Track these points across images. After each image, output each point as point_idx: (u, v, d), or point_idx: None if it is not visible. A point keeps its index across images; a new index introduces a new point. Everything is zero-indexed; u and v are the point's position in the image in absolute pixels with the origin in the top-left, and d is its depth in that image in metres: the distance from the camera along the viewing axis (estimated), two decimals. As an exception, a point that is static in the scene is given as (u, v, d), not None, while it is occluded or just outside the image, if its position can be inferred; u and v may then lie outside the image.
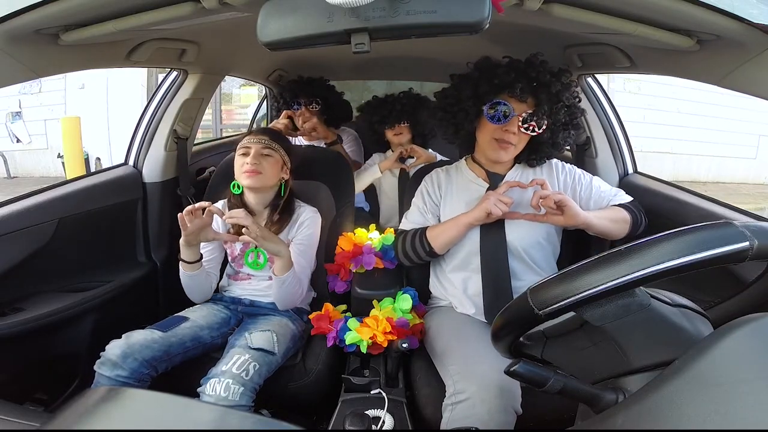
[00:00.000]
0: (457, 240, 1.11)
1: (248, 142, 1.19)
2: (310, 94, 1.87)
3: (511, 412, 0.85)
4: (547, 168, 1.17)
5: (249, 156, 1.17)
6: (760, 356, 0.36)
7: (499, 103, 1.03)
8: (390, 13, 0.60)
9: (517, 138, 1.05)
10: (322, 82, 1.93)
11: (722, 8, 0.64)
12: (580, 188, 1.13)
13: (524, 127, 1.03)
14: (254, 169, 1.15)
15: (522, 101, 1.03)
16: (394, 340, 1.05)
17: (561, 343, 0.56)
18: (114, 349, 0.97)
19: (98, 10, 0.78)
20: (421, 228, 1.15)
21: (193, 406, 0.45)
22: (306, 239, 1.23)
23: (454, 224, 1.09)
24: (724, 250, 0.40)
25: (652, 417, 0.36)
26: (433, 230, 1.13)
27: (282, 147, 1.22)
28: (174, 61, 1.31)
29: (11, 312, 1.08)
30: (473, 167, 1.19)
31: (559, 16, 0.75)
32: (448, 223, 1.12)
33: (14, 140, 6.35)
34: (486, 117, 1.05)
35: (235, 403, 0.92)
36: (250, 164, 1.15)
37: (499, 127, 1.04)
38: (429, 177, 1.24)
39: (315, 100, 1.87)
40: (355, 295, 1.19)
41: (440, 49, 1.70)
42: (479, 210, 1.04)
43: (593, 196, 1.13)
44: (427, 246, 1.12)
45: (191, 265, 1.14)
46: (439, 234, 1.11)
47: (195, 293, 1.20)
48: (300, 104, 1.86)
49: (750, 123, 6.38)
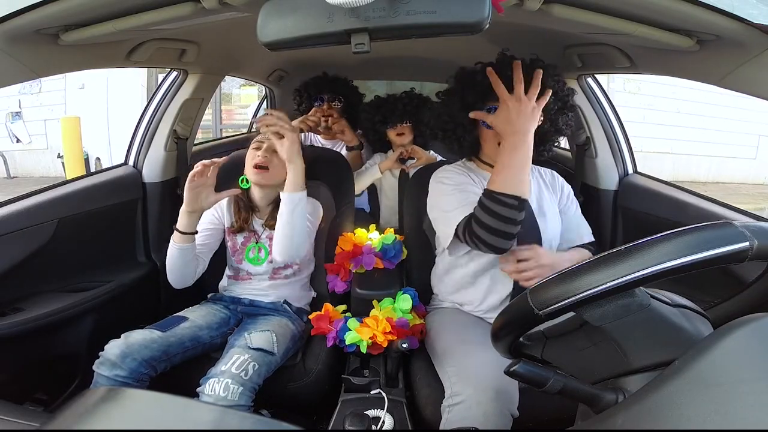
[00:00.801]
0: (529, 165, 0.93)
1: (263, 137, 1.19)
2: (334, 92, 1.87)
3: (507, 415, 0.85)
4: (550, 177, 1.19)
5: (261, 150, 1.17)
6: (760, 356, 0.36)
7: (490, 110, 1.02)
8: (390, 13, 0.60)
9: None
10: (346, 82, 1.93)
11: (722, 8, 0.64)
12: (566, 209, 1.15)
13: None
14: (263, 162, 1.16)
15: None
16: (394, 340, 1.05)
17: (561, 343, 0.56)
18: (113, 349, 0.97)
19: (98, 10, 0.78)
20: (481, 197, 0.94)
21: (192, 406, 0.45)
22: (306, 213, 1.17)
23: (509, 157, 0.91)
24: (724, 250, 0.40)
25: (652, 417, 0.36)
26: (494, 183, 0.92)
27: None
28: (174, 61, 1.31)
29: (11, 312, 1.08)
30: (485, 168, 1.14)
31: (559, 16, 0.75)
32: (500, 164, 0.92)
33: (14, 140, 6.36)
34: (482, 125, 1.05)
35: (234, 403, 0.92)
36: (260, 156, 1.16)
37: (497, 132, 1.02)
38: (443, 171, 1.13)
39: (338, 97, 1.88)
40: (355, 295, 1.19)
41: (440, 49, 1.70)
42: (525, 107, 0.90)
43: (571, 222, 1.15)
44: (508, 199, 0.89)
45: (184, 237, 1.09)
46: (506, 179, 0.91)
47: (177, 273, 1.13)
48: (323, 100, 1.86)
49: (750, 123, 6.39)
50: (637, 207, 1.37)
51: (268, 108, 2.64)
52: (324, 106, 1.83)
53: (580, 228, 1.16)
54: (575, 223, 1.16)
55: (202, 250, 1.19)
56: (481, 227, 0.92)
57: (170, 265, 1.13)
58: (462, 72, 1.08)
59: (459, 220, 0.98)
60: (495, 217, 0.90)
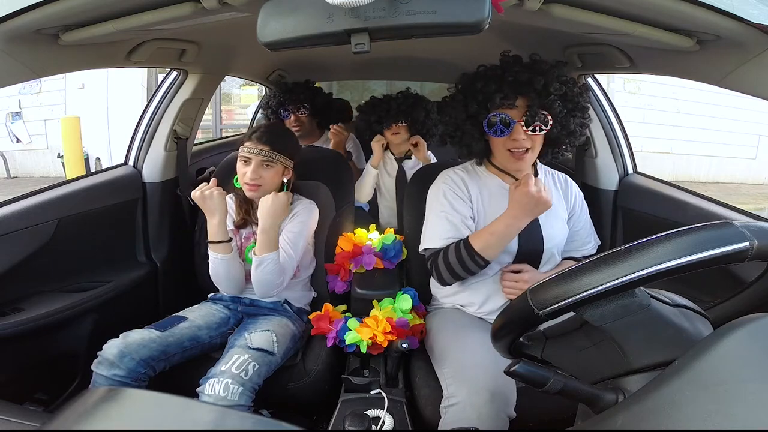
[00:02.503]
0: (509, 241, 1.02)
1: (248, 152, 1.16)
2: (296, 101, 1.84)
3: (503, 417, 0.85)
4: (563, 182, 1.17)
5: (249, 168, 1.15)
6: (760, 356, 0.36)
7: (495, 116, 0.99)
8: (390, 14, 0.60)
9: (530, 141, 1.00)
10: (306, 86, 1.89)
11: (722, 8, 0.64)
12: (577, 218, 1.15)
13: (530, 129, 0.98)
14: (254, 183, 1.15)
15: (512, 107, 0.98)
16: (394, 340, 1.05)
17: (561, 343, 0.56)
18: (111, 349, 0.97)
19: (98, 10, 0.78)
20: (461, 240, 1.03)
21: (192, 406, 0.45)
22: (296, 227, 1.19)
23: (504, 228, 0.98)
24: (724, 250, 0.40)
25: (652, 417, 0.36)
26: (478, 239, 1.00)
27: (284, 153, 1.19)
28: (174, 61, 1.31)
29: (11, 312, 1.08)
30: (495, 171, 1.12)
31: (559, 16, 0.75)
32: (494, 228, 1.00)
33: (14, 140, 6.36)
34: (489, 133, 1.02)
35: (234, 403, 0.92)
36: (249, 178, 1.15)
37: (507, 138, 1.00)
38: (446, 178, 1.13)
39: (302, 105, 1.84)
40: (355, 296, 1.19)
41: (440, 50, 1.70)
42: (542, 205, 0.96)
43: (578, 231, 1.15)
44: (479, 259, 0.99)
45: (221, 246, 1.14)
46: (489, 244, 0.99)
47: (225, 281, 1.18)
48: (288, 111, 1.84)
49: (750, 123, 6.39)
50: (637, 207, 1.37)
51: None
52: (291, 118, 1.82)
53: (584, 238, 1.15)
54: (583, 233, 1.15)
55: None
56: (445, 265, 1.04)
57: (217, 277, 1.18)
58: (463, 78, 1.06)
59: (432, 246, 1.08)
60: (461, 264, 1.01)
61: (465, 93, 1.04)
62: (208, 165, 1.86)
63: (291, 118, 1.84)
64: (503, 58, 1.01)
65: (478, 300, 1.11)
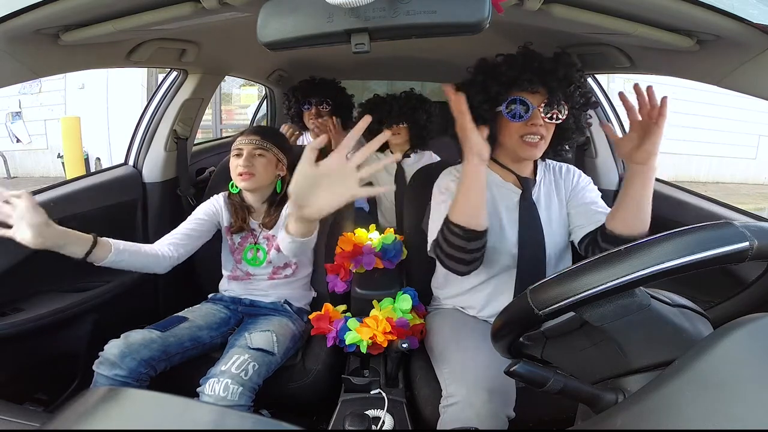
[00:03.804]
0: (482, 199, 0.93)
1: (240, 143, 1.18)
2: (321, 95, 1.92)
3: (502, 417, 0.85)
4: (566, 171, 1.16)
5: (242, 158, 1.16)
6: (760, 356, 0.36)
7: (515, 101, 0.98)
8: (390, 13, 0.60)
9: (544, 129, 0.99)
10: (333, 84, 1.98)
11: (722, 8, 0.64)
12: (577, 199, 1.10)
13: (548, 117, 0.98)
14: (247, 171, 1.15)
15: (534, 93, 0.98)
16: (394, 340, 1.05)
17: (561, 343, 0.56)
18: (112, 349, 0.97)
19: (98, 10, 0.78)
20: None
21: (192, 406, 0.45)
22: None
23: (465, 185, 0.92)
24: (724, 250, 0.40)
25: (652, 417, 0.36)
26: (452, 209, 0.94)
27: (276, 145, 1.21)
28: (174, 61, 1.31)
29: (11, 312, 1.08)
30: (496, 169, 1.11)
31: (559, 17, 0.75)
32: (459, 190, 0.93)
33: (14, 140, 6.36)
34: (506, 117, 1.00)
35: (234, 403, 0.92)
36: (242, 166, 1.15)
37: (523, 124, 0.99)
38: (449, 174, 1.10)
39: (326, 100, 1.92)
40: (355, 295, 1.19)
41: (440, 50, 1.70)
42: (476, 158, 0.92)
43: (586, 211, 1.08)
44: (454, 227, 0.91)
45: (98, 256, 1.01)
46: (459, 207, 0.93)
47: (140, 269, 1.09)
48: (311, 104, 1.91)
49: (750, 123, 6.39)
50: (637, 207, 1.37)
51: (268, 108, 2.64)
52: (312, 110, 1.90)
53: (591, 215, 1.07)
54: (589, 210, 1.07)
55: (191, 235, 1.17)
56: (441, 251, 0.97)
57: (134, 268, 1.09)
58: (484, 63, 1.04)
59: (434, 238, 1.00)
60: (447, 244, 0.94)
61: (486, 75, 1.02)
62: (208, 165, 1.86)
63: (312, 110, 1.91)
64: (524, 51, 1.01)
65: (478, 303, 1.11)
